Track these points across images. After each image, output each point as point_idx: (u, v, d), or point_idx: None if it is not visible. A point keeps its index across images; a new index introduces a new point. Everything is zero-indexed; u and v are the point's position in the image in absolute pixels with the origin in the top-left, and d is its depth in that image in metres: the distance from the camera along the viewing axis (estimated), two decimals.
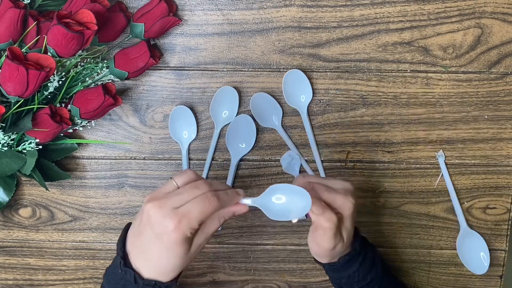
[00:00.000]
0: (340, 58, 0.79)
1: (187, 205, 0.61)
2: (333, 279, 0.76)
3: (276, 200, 0.64)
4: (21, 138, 0.74)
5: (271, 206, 0.64)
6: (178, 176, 0.64)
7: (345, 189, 0.69)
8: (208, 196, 0.61)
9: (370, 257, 0.74)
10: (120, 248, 0.64)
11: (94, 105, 0.73)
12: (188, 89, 0.80)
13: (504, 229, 0.85)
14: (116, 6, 0.75)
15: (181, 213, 0.60)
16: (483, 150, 0.82)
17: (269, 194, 0.64)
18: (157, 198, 0.62)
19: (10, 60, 0.64)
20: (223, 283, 0.87)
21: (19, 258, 0.86)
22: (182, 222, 0.60)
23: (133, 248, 0.64)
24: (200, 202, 0.61)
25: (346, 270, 0.72)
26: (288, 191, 0.64)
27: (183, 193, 0.62)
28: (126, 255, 0.64)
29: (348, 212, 0.69)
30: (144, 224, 0.62)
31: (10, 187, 0.79)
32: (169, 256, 0.61)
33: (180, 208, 0.60)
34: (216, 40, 0.78)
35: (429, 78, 0.80)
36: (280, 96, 0.80)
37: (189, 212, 0.60)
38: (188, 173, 0.64)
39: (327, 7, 0.77)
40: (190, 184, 0.63)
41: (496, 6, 0.77)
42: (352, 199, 0.69)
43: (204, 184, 0.63)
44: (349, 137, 0.82)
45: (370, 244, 0.76)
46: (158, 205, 0.61)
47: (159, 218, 0.60)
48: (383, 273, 0.76)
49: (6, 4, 0.69)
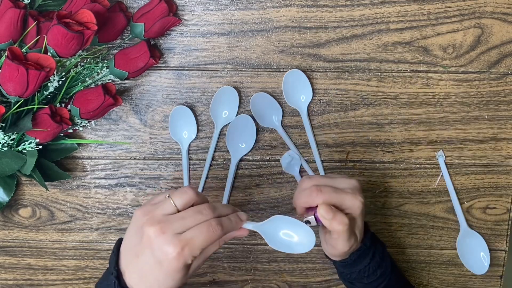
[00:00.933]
0: (340, 58, 0.79)
1: (190, 232, 0.60)
2: (343, 274, 0.75)
3: (284, 236, 0.65)
4: (21, 138, 0.74)
5: (275, 236, 0.65)
6: (177, 196, 0.62)
7: (352, 188, 0.69)
8: (212, 224, 0.60)
9: (380, 252, 0.74)
10: (113, 266, 0.63)
11: (94, 105, 0.73)
12: (188, 89, 0.80)
13: (504, 229, 0.85)
14: (116, 6, 0.75)
15: (184, 240, 0.59)
16: (483, 150, 0.82)
17: (273, 224, 0.65)
18: (158, 220, 0.60)
19: (10, 60, 0.64)
20: (223, 283, 0.87)
21: (19, 258, 0.86)
22: (185, 250, 0.59)
23: (129, 267, 0.62)
24: (204, 231, 0.60)
25: (357, 265, 0.72)
26: (291, 225, 0.65)
27: (186, 218, 0.60)
28: (120, 274, 0.62)
29: (358, 212, 0.68)
30: (144, 247, 0.60)
31: (10, 187, 0.79)
32: (167, 281, 0.61)
33: (183, 234, 0.59)
34: (216, 40, 0.78)
35: (429, 78, 0.80)
36: (280, 96, 0.80)
37: (192, 240, 0.59)
38: (189, 193, 0.62)
39: (327, 7, 0.77)
40: (194, 209, 0.62)
41: (496, 6, 0.77)
42: (361, 197, 0.68)
43: (208, 210, 0.62)
44: (349, 137, 0.82)
45: (379, 240, 0.76)
46: (160, 230, 0.59)
47: (161, 244, 0.59)
48: (392, 269, 0.76)
49: (6, 4, 0.69)
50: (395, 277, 0.77)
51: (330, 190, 0.67)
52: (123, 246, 0.64)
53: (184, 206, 0.62)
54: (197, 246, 0.59)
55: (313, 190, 0.67)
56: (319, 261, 0.86)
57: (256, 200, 0.83)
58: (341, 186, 0.69)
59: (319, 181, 0.69)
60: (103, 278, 0.65)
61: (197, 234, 0.60)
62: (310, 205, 0.68)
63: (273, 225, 0.65)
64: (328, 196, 0.67)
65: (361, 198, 0.68)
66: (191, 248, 0.59)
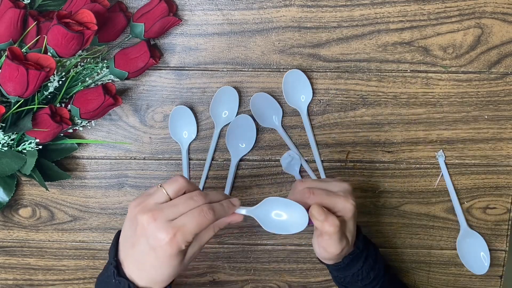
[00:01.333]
0: (340, 58, 0.79)
1: (182, 218, 0.60)
2: (337, 278, 0.76)
3: (276, 216, 0.65)
4: (21, 138, 0.74)
5: (268, 218, 0.65)
6: (168, 184, 0.63)
7: (344, 191, 0.69)
8: (203, 210, 0.61)
9: (372, 255, 0.74)
10: (112, 257, 0.64)
11: (94, 105, 0.73)
12: (188, 89, 0.80)
13: (504, 229, 0.85)
14: (116, 6, 0.75)
15: (176, 226, 0.60)
16: (483, 150, 0.82)
17: (266, 207, 0.65)
18: (150, 208, 0.61)
19: (10, 60, 0.64)
20: (223, 283, 0.87)
21: (19, 258, 0.86)
22: (177, 235, 0.60)
23: (126, 257, 0.63)
24: (195, 216, 0.61)
25: (350, 269, 0.73)
26: (284, 206, 0.65)
27: (178, 205, 0.61)
28: (119, 264, 0.64)
29: (350, 215, 0.69)
30: (139, 236, 0.61)
31: (10, 187, 0.79)
32: (163, 267, 0.61)
33: (175, 220, 0.60)
34: (216, 40, 0.78)
35: (429, 78, 0.80)
36: (280, 96, 0.80)
37: (184, 226, 0.60)
38: (180, 181, 0.63)
39: (327, 7, 0.77)
40: (185, 196, 0.62)
41: (496, 6, 0.77)
42: (352, 200, 0.69)
43: (199, 196, 0.62)
44: (349, 137, 0.82)
45: (371, 242, 0.76)
46: (152, 217, 0.60)
47: (153, 231, 0.60)
48: (385, 271, 0.76)
49: (6, 4, 0.69)
50: (388, 279, 0.77)
51: (322, 193, 0.68)
52: (121, 238, 0.65)
53: (175, 194, 0.63)
54: (189, 231, 0.60)
55: (305, 192, 0.68)
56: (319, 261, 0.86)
57: (256, 200, 0.83)
58: (333, 189, 0.70)
59: (312, 184, 0.70)
60: (104, 270, 0.66)
61: (189, 219, 0.60)
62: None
63: (266, 208, 0.65)
64: (320, 198, 0.68)
65: (353, 201, 0.69)
66: (184, 234, 0.60)
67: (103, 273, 0.66)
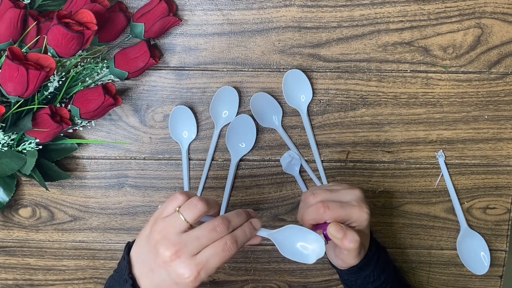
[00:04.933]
0: (340, 58, 0.79)
1: (205, 253, 0.60)
2: (348, 281, 0.75)
3: (301, 248, 0.65)
4: (21, 138, 0.74)
5: (287, 244, 0.65)
6: (187, 211, 0.62)
7: (357, 200, 0.68)
8: (227, 244, 0.61)
9: (383, 257, 0.74)
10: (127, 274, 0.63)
11: (94, 105, 0.73)
12: (188, 89, 0.80)
13: (504, 229, 0.85)
14: (116, 6, 0.75)
15: (200, 263, 0.60)
16: (483, 150, 0.82)
17: (286, 232, 0.65)
18: (173, 242, 0.60)
19: (10, 60, 0.64)
20: (223, 283, 0.87)
21: (19, 258, 0.86)
22: (201, 272, 0.60)
23: (142, 277, 0.63)
24: (219, 252, 0.60)
25: (362, 272, 0.72)
26: (304, 235, 0.65)
27: (200, 238, 0.60)
28: (135, 280, 0.63)
29: (365, 223, 0.68)
30: (159, 266, 0.61)
31: (10, 187, 0.79)
32: None
33: (198, 256, 0.60)
34: (216, 40, 0.78)
35: (429, 78, 0.80)
36: (280, 96, 0.80)
37: (208, 263, 0.60)
38: (199, 206, 0.62)
39: (327, 7, 0.77)
40: (208, 227, 0.61)
41: (496, 6, 0.77)
42: (366, 208, 0.68)
43: (222, 226, 0.61)
44: (349, 137, 0.82)
45: (379, 244, 0.76)
46: (176, 254, 0.60)
47: (177, 268, 0.60)
48: (394, 273, 0.76)
49: (6, 4, 0.69)
50: (398, 281, 0.77)
51: (337, 206, 0.67)
52: (135, 254, 0.64)
53: (195, 220, 0.62)
54: (212, 267, 0.60)
55: (319, 206, 0.67)
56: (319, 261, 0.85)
57: (256, 200, 0.83)
58: (346, 198, 0.69)
59: (324, 197, 0.69)
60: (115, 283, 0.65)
61: (212, 256, 0.60)
62: (317, 222, 0.68)
63: (286, 234, 0.65)
64: (336, 213, 0.67)
65: (367, 209, 0.68)
66: (207, 270, 0.60)
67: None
